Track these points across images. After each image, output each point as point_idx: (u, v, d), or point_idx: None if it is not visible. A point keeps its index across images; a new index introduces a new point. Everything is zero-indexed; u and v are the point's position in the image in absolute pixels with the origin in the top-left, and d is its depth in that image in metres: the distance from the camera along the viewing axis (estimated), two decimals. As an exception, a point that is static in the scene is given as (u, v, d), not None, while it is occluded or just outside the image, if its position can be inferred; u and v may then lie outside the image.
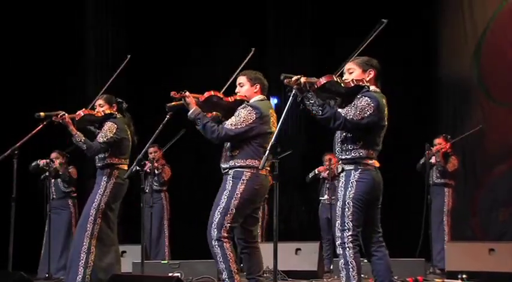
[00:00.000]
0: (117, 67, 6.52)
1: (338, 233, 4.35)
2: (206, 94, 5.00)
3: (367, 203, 4.38)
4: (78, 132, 6.01)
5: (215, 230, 4.80)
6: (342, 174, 4.50)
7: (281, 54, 11.57)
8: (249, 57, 5.48)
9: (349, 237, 4.31)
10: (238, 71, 5.25)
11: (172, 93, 4.96)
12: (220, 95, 5.04)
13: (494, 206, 9.83)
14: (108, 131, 6.02)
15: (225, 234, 4.80)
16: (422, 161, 8.62)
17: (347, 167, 4.44)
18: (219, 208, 4.85)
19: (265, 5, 11.85)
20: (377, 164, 4.46)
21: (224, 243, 4.77)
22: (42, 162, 8.29)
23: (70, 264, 5.98)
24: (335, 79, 4.36)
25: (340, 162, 4.53)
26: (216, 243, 4.77)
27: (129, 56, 6.57)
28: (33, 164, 8.28)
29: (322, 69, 4.67)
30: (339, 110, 4.35)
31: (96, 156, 6.10)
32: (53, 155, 8.55)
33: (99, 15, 10.96)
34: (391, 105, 4.52)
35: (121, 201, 6.16)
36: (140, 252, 6.02)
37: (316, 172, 9.26)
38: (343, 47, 5.00)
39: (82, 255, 5.85)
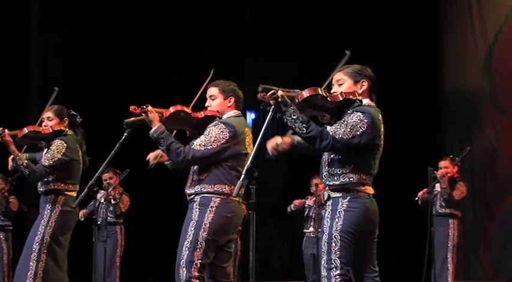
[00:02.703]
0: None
1: (324, 272, 4.31)
2: (172, 109, 4.98)
3: (358, 237, 4.33)
4: (20, 154, 5.96)
5: (184, 269, 4.77)
6: (328, 202, 4.45)
7: (260, 63, 11.65)
8: (209, 78, 5.43)
9: (337, 277, 4.26)
10: (202, 89, 5.27)
11: (131, 108, 4.92)
12: (188, 110, 5.02)
13: (508, 241, 9.91)
14: (55, 151, 5.97)
15: (196, 274, 4.77)
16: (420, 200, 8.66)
17: (334, 194, 4.40)
18: (186, 243, 4.82)
19: (243, 5, 11.96)
20: (371, 191, 4.42)
21: (195, 285, 4.78)
22: None
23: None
24: (320, 92, 4.33)
25: (327, 188, 4.48)
26: (187, 285, 4.77)
27: (56, 88, 6.49)
28: None
29: (310, 81, 4.71)
30: (328, 127, 4.34)
31: (39, 180, 6.07)
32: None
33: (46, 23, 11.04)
34: (388, 124, 4.54)
35: (70, 234, 6.13)
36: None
37: (292, 208, 9.30)
38: (334, 56, 5.06)
39: (25, 300, 5.79)
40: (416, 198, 8.82)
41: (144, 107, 4.91)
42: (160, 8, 11.42)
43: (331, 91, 4.51)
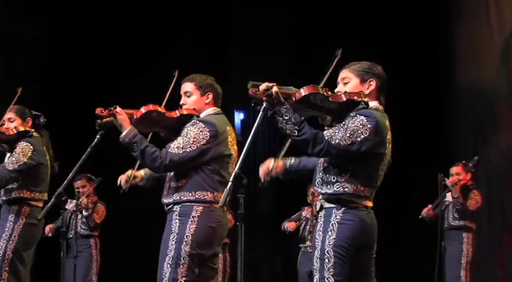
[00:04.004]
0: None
1: (317, 291, 4.32)
2: (143, 109, 4.97)
3: (353, 252, 4.32)
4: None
5: (167, 288, 4.77)
6: (320, 213, 4.44)
7: (249, 57, 11.65)
8: (174, 81, 5.41)
9: (331, 296, 4.28)
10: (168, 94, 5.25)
11: (97, 111, 4.91)
12: (162, 109, 5.03)
13: (528, 256, 9.93)
14: (21, 154, 5.96)
15: (181, 294, 4.77)
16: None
17: (327, 204, 4.39)
18: (167, 259, 4.82)
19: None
20: (369, 204, 4.40)
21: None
22: None
23: None
24: (321, 91, 4.31)
25: (320, 197, 4.47)
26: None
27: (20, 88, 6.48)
28: None
29: (305, 78, 4.67)
30: (325, 131, 4.32)
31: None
32: None
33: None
34: (392, 125, 4.49)
35: (35, 249, 6.11)
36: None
37: (285, 228, 9.31)
38: (332, 49, 5.03)
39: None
40: (421, 217, 8.84)
41: (112, 108, 4.90)
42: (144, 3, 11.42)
43: (335, 90, 4.50)
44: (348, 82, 4.50)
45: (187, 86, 5.13)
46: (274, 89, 4.19)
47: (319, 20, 11.19)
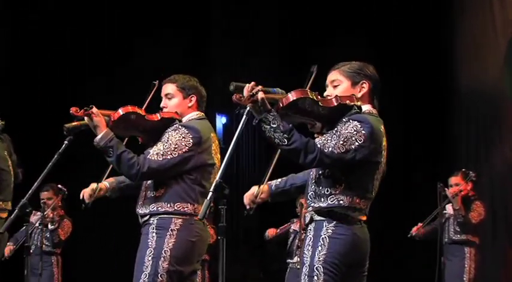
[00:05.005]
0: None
1: (304, 312, 4.31)
2: (121, 110, 4.94)
3: (344, 270, 4.29)
4: None
5: (143, 309, 4.76)
6: (309, 226, 4.41)
7: (232, 58, 11.65)
8: (152, 92, 5.37)
9: (320, 317, 4.26)
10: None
11: (72, 110, 4.89)
12: (141, 111, 5.00)
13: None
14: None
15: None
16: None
17: (317, 217, 4.36)
18: (143, 276, 4.80)
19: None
20: (363, 218, 4.39)
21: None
22: None
23: None
24: (310, 96, 4.28)
25: (310, 208, 4.44)
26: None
27: None
28: None
29: (292, 81, 4.66)
30: (317, 139, 4.28)
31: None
32: None
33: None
34: (389, 130, 4.49)
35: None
36: None
37: (266, 236, 9.31)
38: (323, 47, 5.04)
39: None
40: (410, 236, 8.86)
41: (88, 108, 4.87)
42: None
43: (325, 94, 4.48)
44: (338, 85, 4.48)
45: (169, 88, 5.13)
46: (260, 95, 4.15)
47: (305, 19, 11.21)
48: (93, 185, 5.22)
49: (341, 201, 4.31)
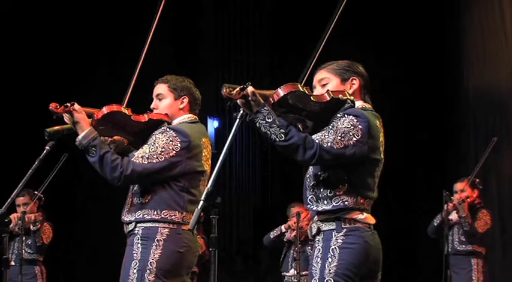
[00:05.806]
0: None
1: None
2: (106, 109, 4.90)
3: (357, 281, 4.31)
4: None
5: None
6: (317, 237, 4.40)
7: (223, 58, 11.66)
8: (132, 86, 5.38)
9: None
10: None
11: (51, 106, 4.79)
12: (128, 111, 4.97)
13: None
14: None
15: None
16: (437, 220, 8.67)
17: (325, 226, 4.36)
18: (128, 289, 4.78)
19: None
20: (371, 221, 4.39)
21: None
22: None
23: None
24: (302, 90, 4.30)
25: (315, 218, 4.43)
26: None
27: None
28: None
29: (284, 78, 4.69)
30: (313, 136, 4.28)
31: None
32: None
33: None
34: (391, 133, 4.53)
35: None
36: None
37: (283, 230, 9.25)
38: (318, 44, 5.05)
39: None
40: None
41: (69, 105, 4.82)
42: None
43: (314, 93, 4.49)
44: (327, 83, 4.53)
45: (160, 88, 5.13)
46: (250, 88, 4.17)
47: (295, 22, 11.25)
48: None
49: (346, 202, 4.33)
